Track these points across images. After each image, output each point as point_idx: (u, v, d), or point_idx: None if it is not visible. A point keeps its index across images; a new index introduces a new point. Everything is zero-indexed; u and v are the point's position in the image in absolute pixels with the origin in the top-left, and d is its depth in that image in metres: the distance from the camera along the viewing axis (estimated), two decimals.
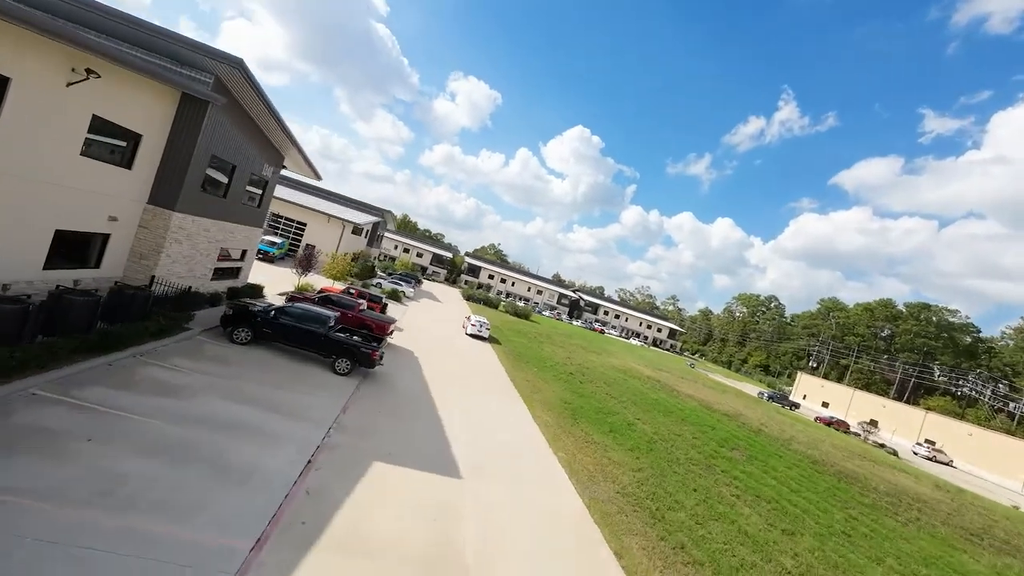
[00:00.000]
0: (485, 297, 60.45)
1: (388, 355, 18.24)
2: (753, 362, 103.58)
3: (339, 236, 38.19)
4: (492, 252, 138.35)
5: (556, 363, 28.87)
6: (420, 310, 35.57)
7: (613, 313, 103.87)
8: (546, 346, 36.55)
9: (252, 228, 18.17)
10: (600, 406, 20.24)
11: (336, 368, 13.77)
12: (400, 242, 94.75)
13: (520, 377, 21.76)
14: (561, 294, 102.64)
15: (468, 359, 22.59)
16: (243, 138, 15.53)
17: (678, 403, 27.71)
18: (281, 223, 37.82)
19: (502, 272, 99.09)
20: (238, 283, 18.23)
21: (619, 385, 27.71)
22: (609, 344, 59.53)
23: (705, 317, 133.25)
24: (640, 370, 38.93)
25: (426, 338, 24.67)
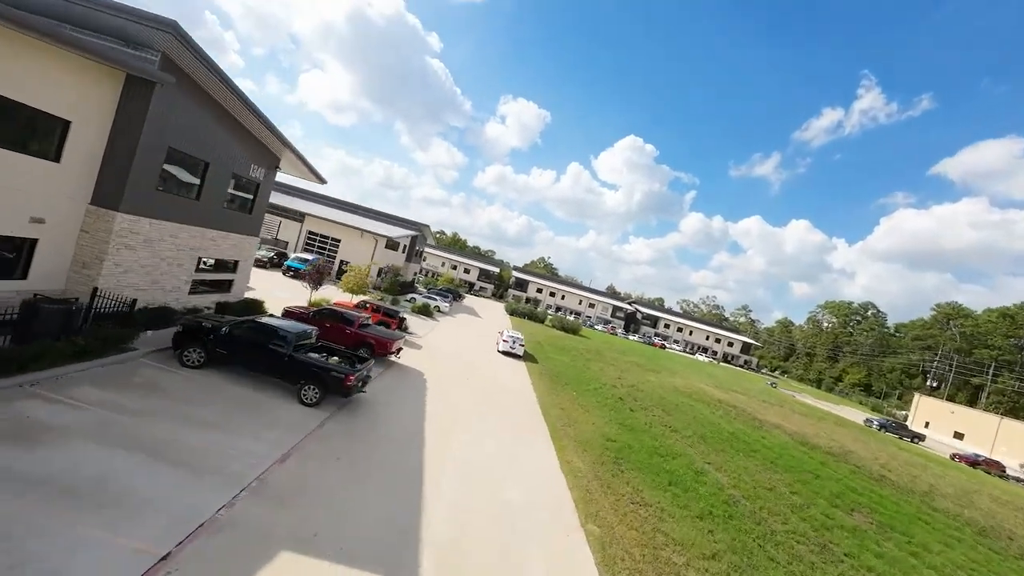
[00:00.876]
0: (530, 311, 56.89)
1: (391, 378, 15.32)
2: (850, 380, 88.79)
3: (372, 251, 37.01)
4: (542, 266, 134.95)
5: (603, 384, 24.36)
6: (452, 325, 32.85)
7: (675, 326, 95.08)
8: (594, 364, 31.98)
9: (244, 237, 16.41)
10: (656, 444, 15.62)
11: (303, 397, 10.95)
12: (447, 259, 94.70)
13: (554, 405, 17.77)
14: (616, 307, 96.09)
15: (491, 382, 19.06)
16: (218, 133, 13.73)
17: (763, 437, 21.88)
18: (316, 241, 37.50)
19: (551, 285, 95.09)
20: (230, 297, 16.45)
21: (682, 412, 22.53)
22: (671, 361, 52.87)
23: (785, 329, 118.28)
24: (709, 392, 32.83)
25: (447, 357, 21.59)
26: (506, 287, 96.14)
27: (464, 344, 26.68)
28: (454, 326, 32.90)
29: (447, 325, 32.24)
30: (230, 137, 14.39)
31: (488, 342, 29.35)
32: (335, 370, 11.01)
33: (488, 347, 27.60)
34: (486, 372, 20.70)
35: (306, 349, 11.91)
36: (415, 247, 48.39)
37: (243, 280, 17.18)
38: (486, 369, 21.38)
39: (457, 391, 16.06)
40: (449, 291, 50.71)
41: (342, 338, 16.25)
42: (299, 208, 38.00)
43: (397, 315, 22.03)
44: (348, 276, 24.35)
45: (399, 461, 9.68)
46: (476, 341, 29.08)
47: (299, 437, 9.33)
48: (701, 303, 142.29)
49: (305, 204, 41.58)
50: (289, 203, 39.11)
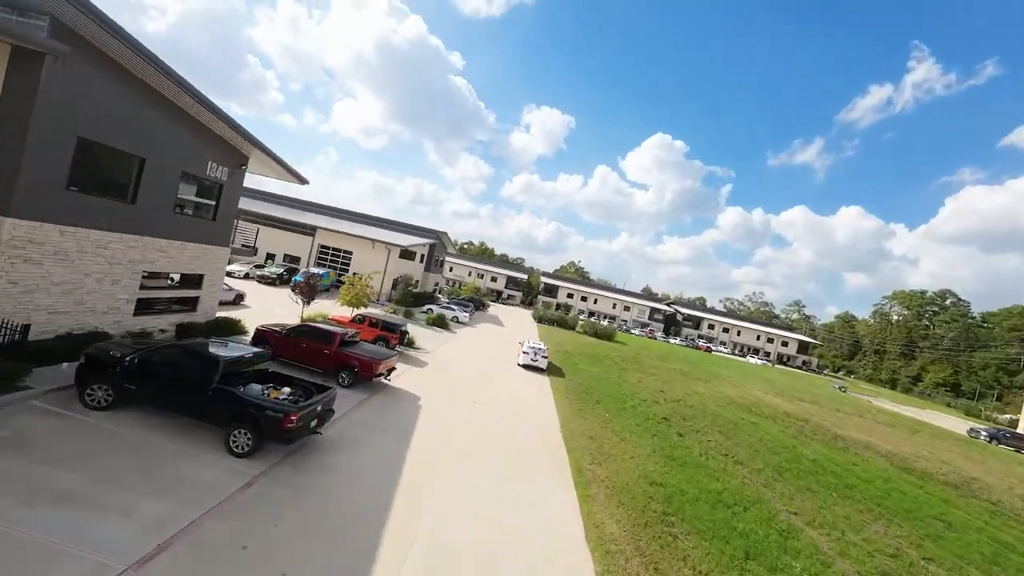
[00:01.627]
0: (559, 317, 53.23)
1: (375, 408, 12.47)
2: (932, 379, 78.15)
3: (385, 261, 34.97)
4: (572, 270, 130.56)
5: (642, 401, 20.50)
6: (470, 337, 29.95)
7: (720, 326, 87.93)
8: (631, 374, 28.00)
9: (208, 247, 14.26)
10: (719, 487, 11.77)
11: (231, 445, 8.23)
12: (473, 268, 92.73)
13: (581, 432, 14.27)
14: (653, 309, 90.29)
15: (504, 405, 15.82)
16: (159, 125, 11.61)
17: (853, 463, 17.26)
18: (329, 254, 35.96)
19: (582, 289, 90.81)
20: (196, 317, 14.28)
21: (744, 433, 18.30)
22: (719, 366, 47.42)
23: (847, 324, 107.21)
24: (771, 402, 27.94)
25: (455, 374, 18.60)
26: (535, 294, 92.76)
27: (479, 358, 23.63)
28: (472, 337, 29.99)
29: (464, 337, 29.37)
30: (177, 130, 12.26)
31: (508, 354, 26.16)
32: (270, 408, 8.22)
33: (507, 360, 24.41)
34: (499, 392, 17.49)
35: (245, 378, 9.25)
36: (434, 256, 46.27)
37: (212, 296, 15.02)
38: (500, 388, 18.17)
39: (456, 422, 12.94)
40: (471, 300, 48.06)
41: (319, 360, 13.65)
42: (310, 222, 36.71)
43: (398, 328, 19.35)
44: (346, 288, 22.03)
45: (340, 551, 6.64)
46: (495, 353, 25.97)
47: (197, 512, 6.51)
48: (747, 300, 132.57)
49: (316, 218, 40.43)
50: (300, 217, 37.97)
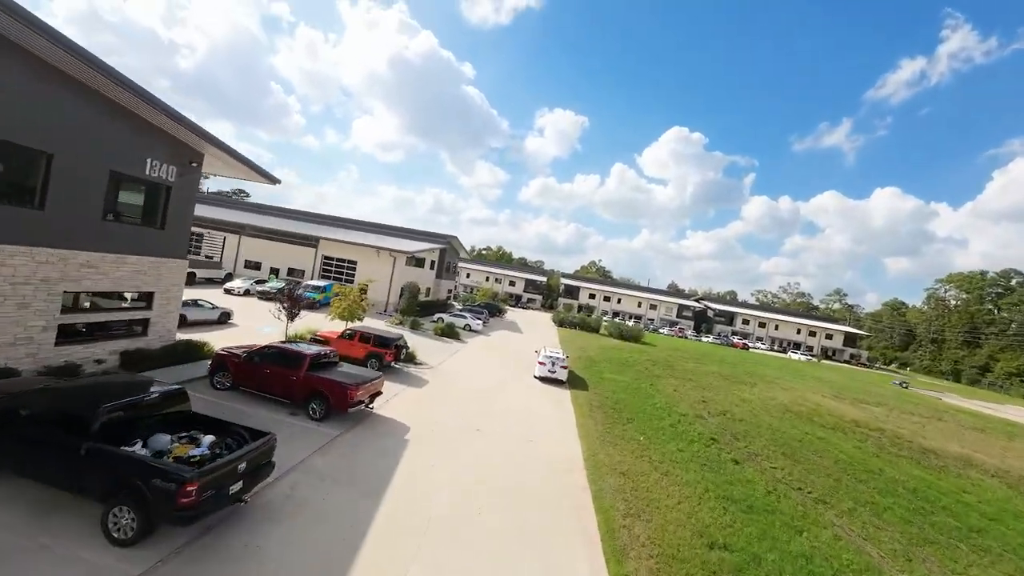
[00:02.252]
0: (582, 320, 50.00)
1: (344, 449, 9.96)
2: (1003, 369, 70.33)
3: (391, 270, 32.90)
4: (594, 270, 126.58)
5: (682, 416, 17.29)
6: (482, 347, 27.32)
7: (755, 321, 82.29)
8: (665, 381, 24.68)
9: (157, 260, 12.17)
10: (806, 546, 8.59)
11: (109, 528, 5.81)
12: (491, 272, 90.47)
13: (610, 466, 11.32)
14: (682, 306, 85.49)
15: (514, 434, 13.04)
16: (75, 114, 9.56)
17: (963, 491, 13.56)
18: (333, 265, 34.19)
19: (605, 289, 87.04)
20: (150, 342, 12.19)
21: (814, 454, 14.85)
22: (761, 365, 43.06)
23: (896, 312, 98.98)
24: (832, 407, 24.04)
25: (459, 394, 15.96)
26: (555, 296, 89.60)
27: (489, 371, 20.92)
28: (484, 347, 27.35)
29: (476, 346, 26.77)
30: (101, 123, 10.21)
31: (523, 364, 23.36)
32: (161, 474, 5.76)
33: (522, 372, 21.61)
34: (509, 415, 14.71)
35: (149, 428, 6.86)
36: (445, 262, 44.09)
37: (167, 317, 12.92)
38: (511, 409, 15.40)
39: (450, 463, 10.25)
40: (486, 306, 45.54)
41: (285, 388, 11.28)
42: (312, 233, 35.10)
43: (392, 343, 16.89)
44: (337, 300, 19.82)
45: None
46: (508, 364, 23.21)
47: None
48: (781, 292, 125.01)
49: (319, 228, 38.90)
50: (302, 228, 36.48)
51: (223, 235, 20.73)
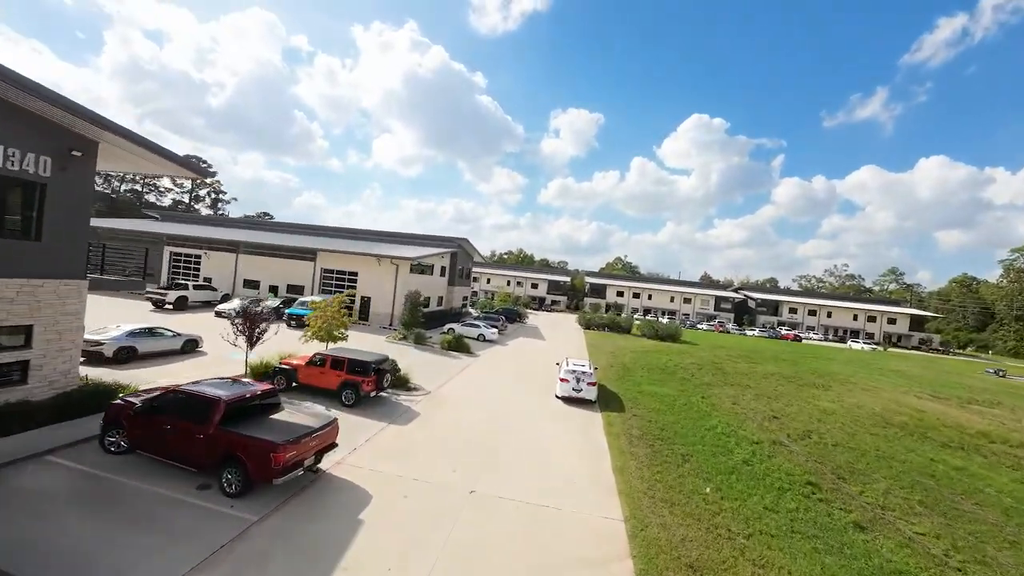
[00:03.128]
0: (610, 320, 45.47)
1: (275, 537, 6.43)
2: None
3: (394, 279, 29.84)
4: (620, 267, 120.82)
5: (755, 444, 12.94)
6: (496, 359, 23.62)
7: (804, 309, 74.80)
8: (718, 391, 20.20)
9: (36, 282, 9.19)
10: None
11: None
12: (511, 276, 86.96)
13: (669, 545, 7.32)
14: (719, 298, 79.09)
15: (522, 493, 9.20)
16: None
17: None
18: (333, 278, 31.47)
19: (633, 286, 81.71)
20: (35, 392, 9.20)
21: (963, 498, 10.25)
22: (823, 359, 37.24)
23: (966, 289, 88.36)
24: (941, 413, 18.88)
25: (456, 430, 12.30)
26: (581, 297, 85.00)
27: (500, 393, 17.14)
28: (498, 360, 23.63)
29: (488, 360, 23.11)
30: None
31: (544, 380, 19.49)
32: None
33: (541, 391, 17.74)
34: (521, 460, 10.88)
35: None
36: (457, 267, 40.81)
37: (63, 356, 9.91)
38: (523, 449, 11.56)
39: (421, 562, 6.56)
40: (504, 312, 41.93)
41: (189, 449, 7.93)
42: (309, 245, 32.57)
43: (371, 368, 13.44)
44: (314, 316, 16.65)
45: None
46: (525, 382, 19.38)
47: None
48: (827, 276, 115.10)
49: (316, 240, 36.45)
50: (300, 242, 34.05)
51: (146, 247, 17.72)
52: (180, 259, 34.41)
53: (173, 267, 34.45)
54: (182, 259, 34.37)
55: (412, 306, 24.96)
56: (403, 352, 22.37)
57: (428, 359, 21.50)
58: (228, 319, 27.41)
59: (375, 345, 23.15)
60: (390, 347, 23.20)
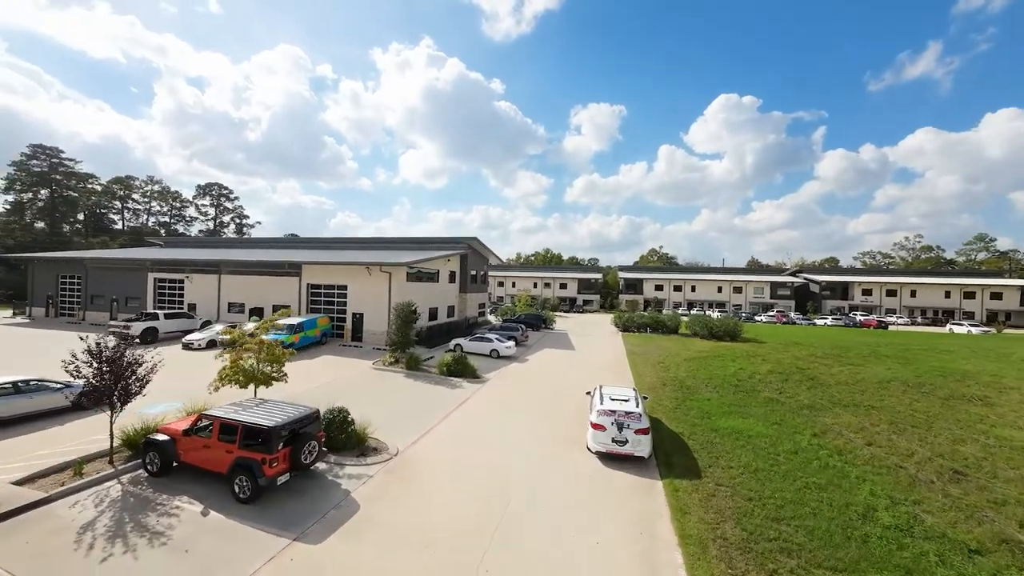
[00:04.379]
0: (652, 319, 38.73)
1: None
2: None
3: (387, 289, 25.07)
4: (655, 259, 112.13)
5: (970, 557, 6.66)
6: (506, 387, 18.06)
7: (882, 289, 64.17)
8: (828, 419, 13.72)
9: None
10: None
11: None
12: (538, 277, 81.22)
13: None
14: (775, 284, 69.81)
15: None
16: None
17: None
18: (322, 294, 27.12)
19: (673, 277, 73.78)
20: None
21: None
22: (938, 353, 28.92)
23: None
24: None
25: (408, 533, 6.91)
26: (615, 294, 78.00)
27: (505, 448, 11.53)
28: (510, 386, 18.06)
29: (497, 387, 17.61)
30: None
31: (571, 416, 13.74)
32: None
33: (569, 440, 12.02)
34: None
35: None
36: (467, 271, 35.68)
37: None
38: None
39: None
40: (525, 319, 36.38)
41: None
42: (293, 259, 28.45)
43: (278, 437, 8.29)
44: (235, 353, 11.76)
45: None
46: (544, 420, 13.69)
47: None
48: (900, 249, 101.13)
49: (305, 253, 32.44)
50: (282, 256, 30.06)
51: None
52: (164, 285, 31.35)
53: (158, 294, 31.43)
54: (166, 285, 31.30)
55: (402, 321, 19.93)
56: (386, 383, 17.31)
57: (416, 392, 16.32)
58: (197, 350, 23.69)
59: (354, 374, 18.27)
60: (374, 376, 18.24)
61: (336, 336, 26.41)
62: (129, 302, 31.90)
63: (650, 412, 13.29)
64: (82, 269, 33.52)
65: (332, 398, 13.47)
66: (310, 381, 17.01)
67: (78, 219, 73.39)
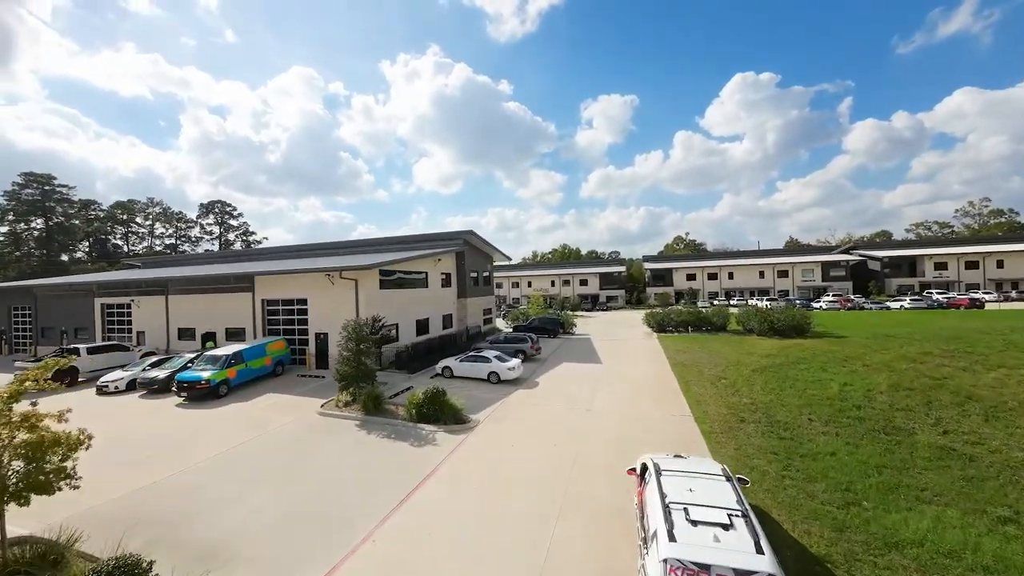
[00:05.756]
0: (694, 316, 31.91)
1: None
2: None
3: (354, 301, 19.58)
4: (681, 247, 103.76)
5: None
6: (504, 435, 12.06)
7: (960, 261, 54.77)
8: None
9: None
10: None
11: None
12: (556, 275, 74.87)
13: None
14: (827, 263, 61.32)
15: None
16: None
17: None
18: (280, 311, 21.84)
19: (707, 265, 66.08)
20: None
21: None
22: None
23: None
24: None
25: None
26: (642, 287, 70.88)
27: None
28: (507, 439, 12.05)
29: (486, 441, 11.67)
30: None
31: (600, 516, 7.74)
32: None
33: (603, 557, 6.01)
34: None
35: None
36: (465, 271, 29.91)
37: None
38: None
39: None
40: (539, 325, 30.41)
41: None
42: (245, 270, 23.35)
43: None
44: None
45: None
46: (558, 527, 7.72)
47: None
48: (963, 216, 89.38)
49: (257, 264, 27.41)
50: (231, 269, 25.10)
51: None
52: (113, 311, 26.92)
53: (107, 322, 27.03)
54: (115, 311, 26.86)
55: (356, 345, 14.25)
56: (323, 442, 11.61)
57: (361, 458, 10.57)
58: (113, 393, 18.31)
59: (288, 426, 12.39)
60: (314, 427, 12.57)
61: (300, 363, 21.11)
62: (79, 333, 27.68)
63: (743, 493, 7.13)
64: (32, 299, 29.60)
65: (201, 490, 7.89)
66: (201, 446, 11.55)
67: (80, 247, 72.27)
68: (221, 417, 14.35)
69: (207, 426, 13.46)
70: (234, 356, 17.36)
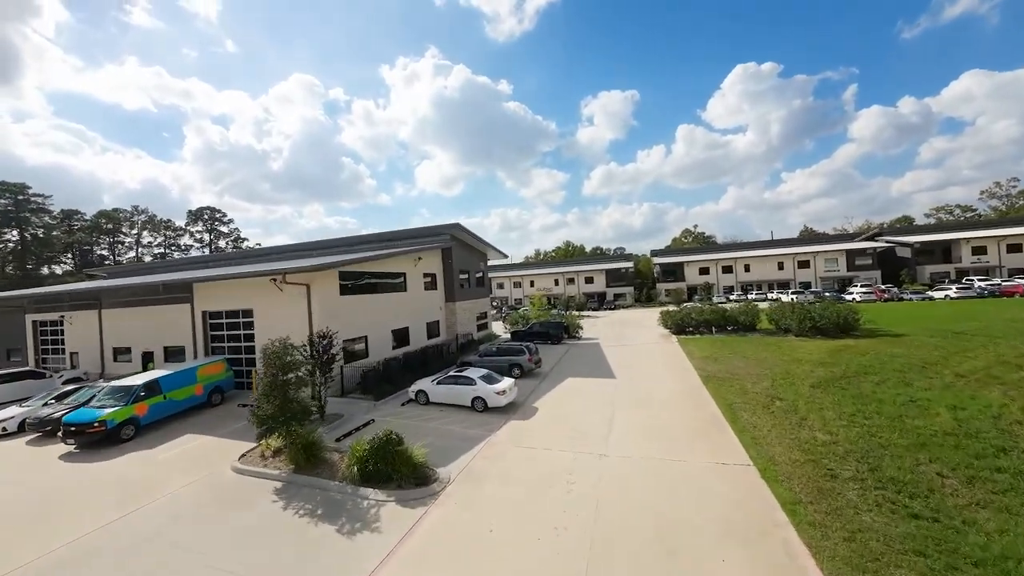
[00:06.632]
0: (718, 315, 27.80)
1: None
2: None
3: (306, 312, 15.79)
4: (689, 239, 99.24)
5: None
6: (472, 524, 8.26)
7: (1002, 244, 50.11)
8: None
9: None
10: None
11: None
12: (558, 273, 70.83)
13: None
14: (852, 251, 56.84)
15: None
16: None
17: None
18: (224, 326, 18.09)
19: (721, 257, 61.73)
20: None
21: None
22: None
23: None
24: None
25: None
26: (651, 284, 66.73)
27: None
28: (482, 524, 8.23)
29: (455, 523, 7.84)
30: None
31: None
32: None
33: None
34: None
35: None
36: (453, 271, 26.06)
37: None
38: None
39: None
40: (540, 331, 26.56)
41: None
42: (183, 277, 19.61)
43: None
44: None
45: None
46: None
47: None
48: (988, 198, 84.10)
49: (197, 272, 23.72)
50: (168, 277, 21.49)
51: None
52: (46, 329, 23.37)
53: (40, 341, 23.49)
54: (48, 329, 23.30)
55: (279, 374, 10.40)
56: (217, 522, 7.49)
57: (258, 555, 6.65)
58: (3, 436, 13.65)
59: (184, 491, 7.73)
60: (219, 492, 8.61)
61: (246, 388, 17.36)
62: (11, 355, 24.18)
63: None
64: None
65: None
66: (31, 536, 7.70)
67: (62, 259, 69.45)
68: (99, 476, 10.57)
69: (71, 493, 9.68)
70: (146, 387, 13.59)
